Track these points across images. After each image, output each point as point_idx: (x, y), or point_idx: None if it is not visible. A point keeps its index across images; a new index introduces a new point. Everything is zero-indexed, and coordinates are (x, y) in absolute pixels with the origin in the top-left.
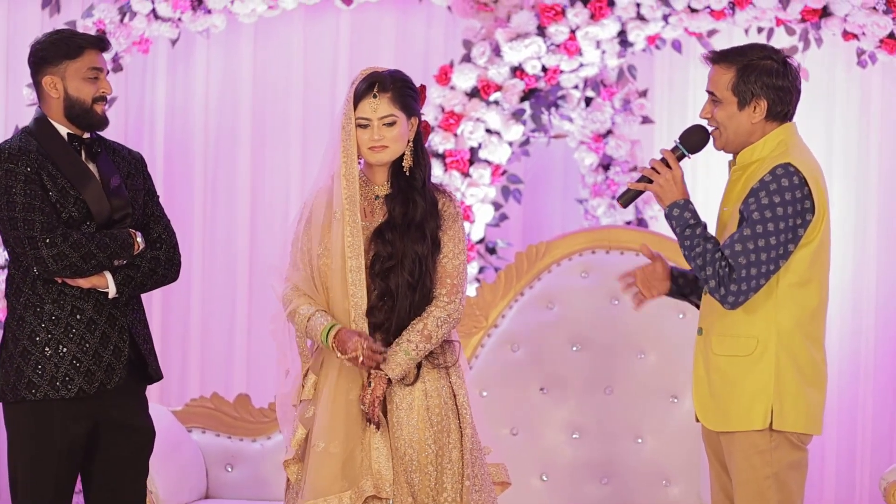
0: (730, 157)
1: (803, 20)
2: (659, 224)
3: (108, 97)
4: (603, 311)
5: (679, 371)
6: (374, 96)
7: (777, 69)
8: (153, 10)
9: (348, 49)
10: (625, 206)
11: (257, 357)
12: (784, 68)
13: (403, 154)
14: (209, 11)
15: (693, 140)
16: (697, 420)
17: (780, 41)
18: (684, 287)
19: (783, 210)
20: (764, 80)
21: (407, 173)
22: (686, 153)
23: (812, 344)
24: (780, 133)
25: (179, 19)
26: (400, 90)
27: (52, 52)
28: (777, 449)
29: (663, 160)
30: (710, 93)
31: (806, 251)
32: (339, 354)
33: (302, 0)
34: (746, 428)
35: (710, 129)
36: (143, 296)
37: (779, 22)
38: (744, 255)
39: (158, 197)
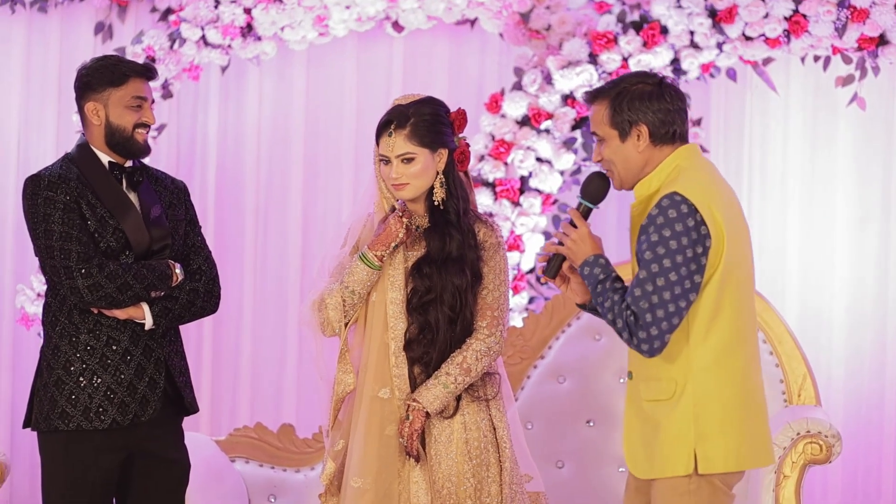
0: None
1: (860, 48)
2: None
3: (152, 126)
4: None
5: None
6: (390, 134)
7: (651, 91)
8: (203, 37)
9: (401, 76)
10: (553, 276)
11: (307, 386)
12: (660, 89)
13: (434, 187)
14: (259, 38)
15: (590, 190)
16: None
17: (837, 69)
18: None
19: (676, 242)
20: (637, 104)
21: (440, 206)
22: (590, 206)
23: (737, 376)
24: (674, 158)
25: (229, 46)
26: (420, 124)
27: (97, 78)
28: (696, 493)
29: (571, 221)
30: (593, 134)
31: (712, 282)
32: (384, 250)
33: (353, 27)
34: (670, 474)
35: (605, 171)
36: (194, 323)
37: (835, 50)
38: (644, 298)
39: (200, 227)
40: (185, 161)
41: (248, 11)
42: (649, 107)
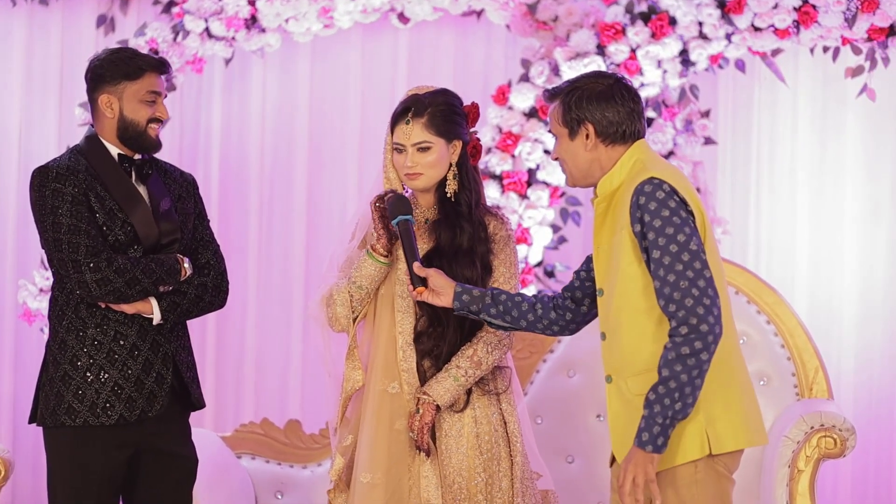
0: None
1: (870, 39)
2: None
3: (164, 121)
4: None
5: None
6: (407, 122)
7: (603, 91)
8: (206, 29)
9: (406, 68)
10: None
11: (313, 381)
12: (610, 90)
13: (447, 178)
14: (263, 30)
15: (397, 209)
16: (611, 465)
17: (847, 61)
18: (470, 304)
19: (678, 218)
20: (584, 104)
21: (452, 198)
22: (406, 219)
23: (728, 353)
24: (633, 153)
25: (233, 38)
26: (438, 114)
27: (112, 71)
28: (703, 480)
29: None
30: (550, 132)
31: None
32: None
33: (358, 19)
34: (683, 460)
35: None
36: (198, 318)
37: (844, 41)
38: (685, 293)
39: (209, 221)
40: (188, 154)
41: (252, 3)
42: (597, 106)
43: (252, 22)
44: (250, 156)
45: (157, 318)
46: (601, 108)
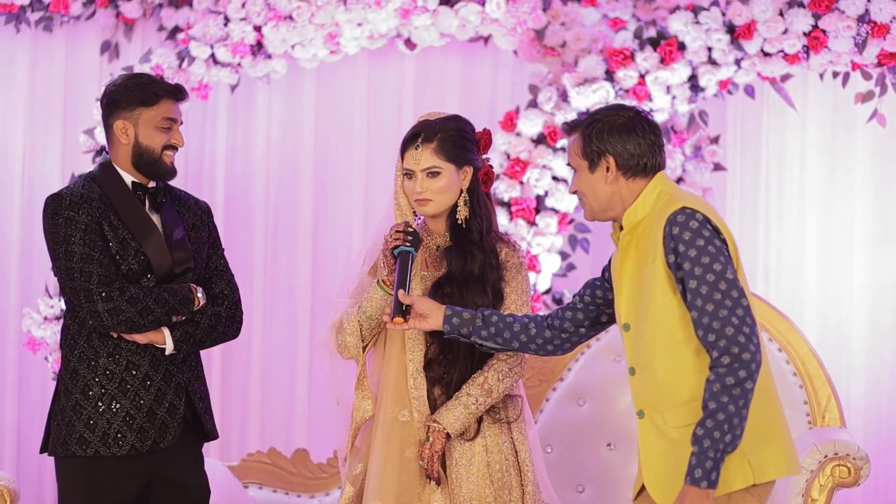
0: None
1: (880, 64)
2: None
3: (180, 148)
4: None
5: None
6: (417, 147)
7: (623, 124)
8: (212, 56)
9: (412, 94)
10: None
11: (320, 409)
12: (632, 122)
13: (458, 205)
14: (269, 57)
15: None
16: (636, 497)
17: (856, 86)
18: (460, 326)
19: (713, 247)
20: (605, 136)
21: (463, 225)
22: (408, 250)
23: (764, 379)
24: (655, 185)
25: (239, 64)
26: (447, 139)
27: (127, 96)
28: None
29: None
30: (568, 165)
31: None
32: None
33: (365, 45)
34: (726, 491)
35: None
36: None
37: (854, 66)
38: (725, 322)
39: (223, 250)
40: (193, 181)
41: (258, 29)
42: (618, 139)
43: (258, 48)
44: (256, 182)
45: (169, 348)
46: (622, 140)
